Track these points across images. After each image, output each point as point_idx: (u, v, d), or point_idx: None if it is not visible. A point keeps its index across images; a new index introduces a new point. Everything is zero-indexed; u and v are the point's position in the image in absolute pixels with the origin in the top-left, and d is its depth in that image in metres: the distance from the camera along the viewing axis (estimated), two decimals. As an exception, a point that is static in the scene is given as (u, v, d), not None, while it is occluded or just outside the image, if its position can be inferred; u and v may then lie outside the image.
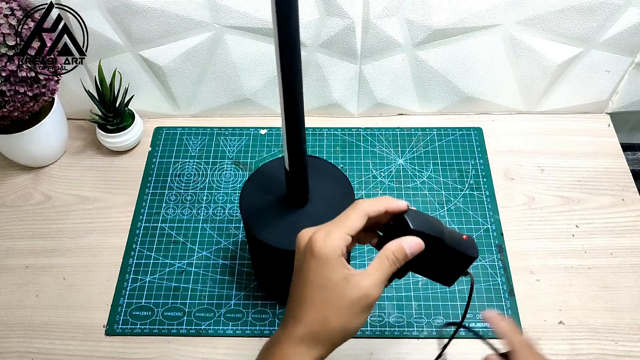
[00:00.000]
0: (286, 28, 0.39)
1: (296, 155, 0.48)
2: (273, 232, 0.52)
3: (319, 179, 0.55)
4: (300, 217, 0.53)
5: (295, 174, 0.50)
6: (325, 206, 0.54)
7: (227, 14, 0.69)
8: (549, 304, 0.65)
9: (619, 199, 0.73)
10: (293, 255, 0.44)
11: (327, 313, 0.39)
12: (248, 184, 0.56)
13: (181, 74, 0.77)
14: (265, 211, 0.54)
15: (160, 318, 0.65)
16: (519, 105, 0.82)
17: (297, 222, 0.53)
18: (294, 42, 0.40)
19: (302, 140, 0.47)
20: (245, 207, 0.55)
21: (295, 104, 0.44)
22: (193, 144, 0.81)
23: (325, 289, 0.39)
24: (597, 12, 0.68)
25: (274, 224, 0.53)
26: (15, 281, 0.68)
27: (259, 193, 0.55)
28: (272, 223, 0.53)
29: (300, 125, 0.46)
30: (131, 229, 0.72)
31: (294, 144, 0.47)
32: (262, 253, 0.56)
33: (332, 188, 0.56)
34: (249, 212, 0.54)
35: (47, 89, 0.68)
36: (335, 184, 0.56)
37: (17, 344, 0.63)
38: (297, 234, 0.42)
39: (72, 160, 0.80)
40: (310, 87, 0.78)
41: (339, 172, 0.58)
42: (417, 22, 0.69)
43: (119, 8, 0.68)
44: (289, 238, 0.50)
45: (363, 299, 0.39)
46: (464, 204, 0.73)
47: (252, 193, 0.56)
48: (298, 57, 0.41)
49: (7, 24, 0.61)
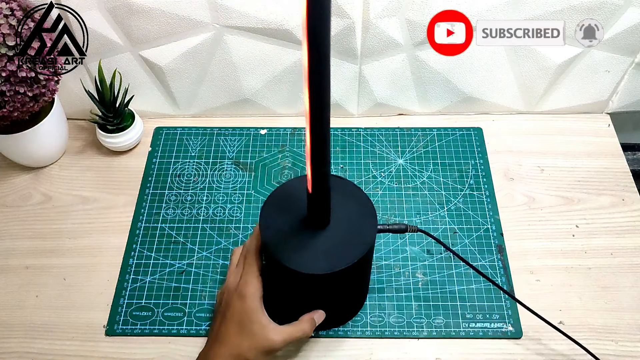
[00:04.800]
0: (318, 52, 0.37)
1: (320, 178, 0.46)
2: (294, 254, 0.51)
3: (340, 199, 0.53)
4: (322, 239, 0.52)
5: (318, 197, 0.48)
6: (346, 228, 0.53)
7: (227, 14, 0.69)
8: (549, 304, 0.65)
9: (619, 199, 0.73)
10: (313, 278, 0.50)
11: (243, 345, 0.52)
12: (267, 205, 0.55)
13: (181, 74, 0.77)
14: (285, 233, 0.52)
15: (160, 318, 0.65)
16: (519, 105, 0.82)
17: (318, 245, 0.51)
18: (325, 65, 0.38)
19: (327, 162, 0.45)
20: (265, 228, 0.53)
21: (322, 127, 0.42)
22: (193, 144, 0.81)
23: (247, 328, 0.53)
24: (597, 12, 0.68)
25: (294, 247, 0.51)
26: (15, 281, 0.68)
27: (278, 214, 0.54)
28: (292, 245, 0.52)
29: (326, 147, 0.44)
30: (131, 229, 0.72)
31: (318, 167, 0.45)
32: (279, 275, 0.54)
33: (353, 209, 0.54)
34: (269, 234, 0.52)
35: (47, 89, 0.68)
36: (357, 204, 0.55)
37: (17, 344, 0.63)
38: (319, 256, 0.51)
39: (72, 160, 0.80)
40: (310, 87, 0.78)
41: (360, 192, 0.56)
42: (417, 22, 0.69)
43: (119, 8, 0.68)
44: (311, 261, 0.50)
45: (269, 348, 0.53)
46: (464, 204, 0.73)
47: (271, 214, 0.54)
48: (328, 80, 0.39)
49: (7, 24, 0.61)
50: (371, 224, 0.53)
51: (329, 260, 0.50)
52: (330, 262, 0.50)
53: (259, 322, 0.53)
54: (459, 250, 0.69)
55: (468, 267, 0.67)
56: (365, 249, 0.52)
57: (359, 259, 0.51)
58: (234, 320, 0.53)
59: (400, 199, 0.74)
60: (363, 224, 0.53)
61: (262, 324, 0.53)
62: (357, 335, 0.63)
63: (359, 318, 0.64)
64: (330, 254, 0.51)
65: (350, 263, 0.50)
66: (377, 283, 0.67)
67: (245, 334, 0.53)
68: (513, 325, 0.63)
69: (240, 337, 0.53)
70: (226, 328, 0.54)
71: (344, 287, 0.56)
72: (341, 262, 0.50)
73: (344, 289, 0.56)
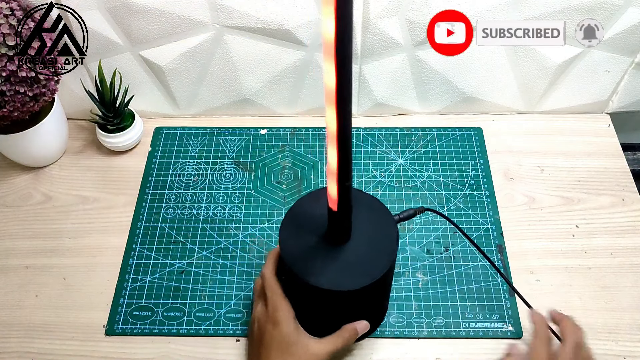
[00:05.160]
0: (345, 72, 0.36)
1: (344, 194, 0.45)
2: (316, 271, 0.50)
3: (359, 213, 0.51)
4: (344, 255, 0.51)
5: (341, 214, 0.47)
6: (367, 242, 0.52)
7: (227, 14, 0.69)
8: (549, 304, 0.65)
9: (619, 199, 0.73)
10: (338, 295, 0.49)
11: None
12: (285, 224, 0.54)
13: (181, 74, 0.77)
14: (306, 250, 0.51)
15: (160, 318, 0.65)
16: (519, 105, 0.82)
17: (341, 261, 0.51)
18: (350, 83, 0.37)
19: (350, 176, 0.45)
20: (285, 246, 0.52)
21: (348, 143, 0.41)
22: (193, 144, 0.81)
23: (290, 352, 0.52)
24: (597, 12, 0.68)
25: (316, 263, 0.51)
26: (15, 281, 0.68)
27: (297, 231, 0.53)
28: (314, 262, 0.51)
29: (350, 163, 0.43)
30: (131, 229, 0.72)
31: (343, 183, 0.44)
32: (302, 292, 0.53)
33: (372, 222, 0.53)
34: (290, 252, 0.51)
35: (47, 89, 0.68)
36: (375, 217, 0.54)
37: (17, 344, 0.63)
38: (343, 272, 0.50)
39: (72, 160, 0.80)
40: (310, 87, 0.79)
41: (378, 204, 0.55)
42: (417, 22, 0.69)
43: (119, 8, 0.68)
44: (335, 277, 0.49)
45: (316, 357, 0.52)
46: (464, 204, 0.73)
47: (290, 232, 0.53)
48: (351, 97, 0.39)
49: (7, 24, 0.61)
50: (392, 237, 0.52)
51: (353, 276, 0.49)
52: (354, 278, 0.49)
53: (299, 342, 0.52)
54: (459, 250, 0.69)
55: (468, 267, 0.67)
56: (388, 263, 0.51)
57: (384, 273, 0.50)
58: (273, 348, 0.52)
59: (400, 199, 0.74)
60: (383, 236, 0.52)
61: (303, 342, 0.52)
62: (357, 335, 0.63)
63: (358, 318, 0.64)
64: (353, 270, 0.50)
65: (375, 278, 0.49)
66: (377, 283, 0.67)
67: (289, 356, 0.52)
68: (513, 325, 0.63)
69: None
70: (267, 357, 0.52)
71: (368, 302, 0.54)
72: (366, 278, 0.49)
73: (367, 304, 0.55)
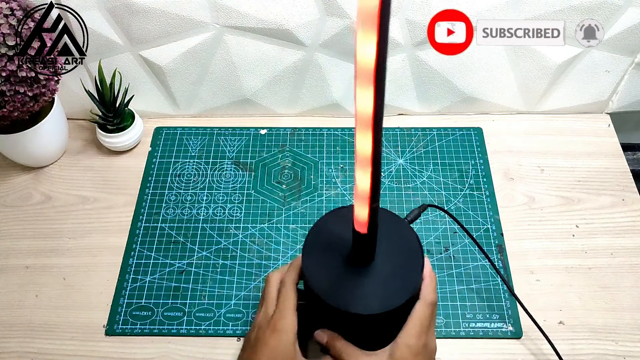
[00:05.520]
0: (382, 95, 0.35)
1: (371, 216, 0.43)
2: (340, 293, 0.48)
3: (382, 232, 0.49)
4: (367, 278, 0.49)
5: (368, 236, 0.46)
6: (391, 263, 0.49)
7: (227, 14, 0.69)
8: (549, 304, 0.65)
9: (619, 199, 0.73)
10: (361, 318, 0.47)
11: None
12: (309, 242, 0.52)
13: (181, 74, 0.77)
14: (329, 271, 0.50)
15: (160, 318, 0.65)
16: (519, 105, 0.82)
17: (365, 283, 0.48)
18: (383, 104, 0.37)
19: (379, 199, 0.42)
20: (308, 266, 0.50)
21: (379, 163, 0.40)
22: (193, 144, 0.81)
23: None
24: (597, 12, 0.68)
25: (339, 285, 0.49)
26: (15, 281, 0.68)
27: (320, 251, 0.51)
28: (337, 284, 0.49)
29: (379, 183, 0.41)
30: (131, 229, 0.72)
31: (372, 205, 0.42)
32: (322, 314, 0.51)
33: (396, 242, 0.51)
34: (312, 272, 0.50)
35: (47, 89, 0.68)
36: (399, 236, 0.52)
37: (17, 344, 0.63)
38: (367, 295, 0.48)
39: (72, 160, 0.80)
40: (310, 87, 0.79)
41: (402, 222, 0.53)
42: (417, 22, 0.69)
43: (119, 8, 0.68)
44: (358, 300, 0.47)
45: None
46: (464, 204, 0.73)
47: (313, 251, 0.51)
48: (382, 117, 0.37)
49: (7, 24, 0.61)
50: (417, 258, 0.50)
51: (378, 299, 0.47)
52: (379, 301, 0.47)
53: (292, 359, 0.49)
54: (459, 250, 0.69)
55: (468, 267, 0.67)
56: (414, 286, 0.48)
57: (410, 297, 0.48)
58: (264, 355, 0.49)
59: (400, 199, 0.74)
60: (408, 256, 0.50)
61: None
62: (357, 335, 0.63)
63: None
64: (378, 293, 0.48)
65: (401, 302, 0.47)
66: (377, 283, 0.67)
67: None
68: (513, 325, 0.63)
69: None
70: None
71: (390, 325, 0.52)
72: (391, 302, 0.47)
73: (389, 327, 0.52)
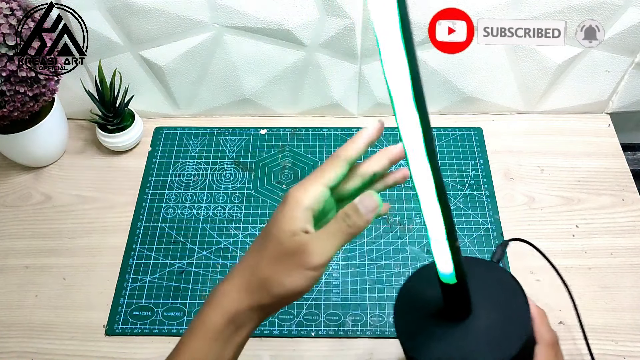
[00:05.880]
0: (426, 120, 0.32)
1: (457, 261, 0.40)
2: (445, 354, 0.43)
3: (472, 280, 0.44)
4: (470, 331, 0.44)
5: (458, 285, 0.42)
6: (492, 310, 0.44)
7: (227, 14, 0.69)
8: (549, 304, 0.65)
9: (619, 199, 0.73)
10: None
11: (261, 260, 0.37)
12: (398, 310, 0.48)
13: (181, 74, 0.77)
14: (423, 330, 0.46)
15: (160, 318, 0.65)
16: (519, 105, 0.82)
17: (467, 337, 0.44)
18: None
19: (457, 236, 0.39)
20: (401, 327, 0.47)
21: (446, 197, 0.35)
22: (193, 144, 0.81)
23: (269, 235, 0.37)
24: (597, 12, 0.68)
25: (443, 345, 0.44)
26: (14, 281, 0.68)
27: (412, 309, 0.47)
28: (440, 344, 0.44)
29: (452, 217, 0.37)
30: (131, 229, 0.72)
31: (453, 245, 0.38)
32: None
33: (490, 286, 0.46)
34: (406, 333, 0.46)
35: (47, 89, 0.68)
36: (492, 279, 0.47)
37: (17, 344, 0.63)
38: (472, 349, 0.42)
39: (72, 160, 0.80)
40: (311, 87, 0.78)
41: (490, 264, 0.50)
42: (417, 22, 0.69)
43: (119, 8, 0.68)
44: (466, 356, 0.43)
45: (301, 256, 0.36)
46: (464, 204, 0.73)
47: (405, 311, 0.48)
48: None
49: (7, 24, 0.61)
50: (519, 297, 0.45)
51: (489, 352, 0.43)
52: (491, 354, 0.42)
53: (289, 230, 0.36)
54: (459, 250, 0.69)
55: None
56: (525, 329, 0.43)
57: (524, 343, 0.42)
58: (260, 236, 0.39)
59: (400, 199, 0.74)
60: (509, 299, 0.45)
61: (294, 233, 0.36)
62: (357, 335, 0.63)
63: (359, 318, 0.64)
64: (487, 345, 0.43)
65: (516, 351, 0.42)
66: (377, 283, 0.67)
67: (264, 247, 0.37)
68: (513, 325, 0.63)
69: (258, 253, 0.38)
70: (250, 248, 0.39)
71: None
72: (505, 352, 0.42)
73: None
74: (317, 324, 0.64)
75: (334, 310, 0.65)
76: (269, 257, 0.37)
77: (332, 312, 0.65)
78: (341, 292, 0.66)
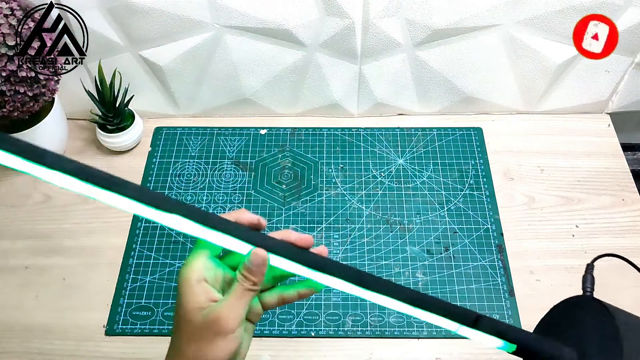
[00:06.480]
0: None
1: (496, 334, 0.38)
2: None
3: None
4: None
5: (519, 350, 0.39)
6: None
7: (227, 14, 0.69)
8: (549, 304, 0.64)
9: (619, 199, 0.73)
10: None
11: (182, 343, 0.38)
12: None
13: (181, 74, 0.77)
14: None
15: (160, 318, 0.65)
16: (519, 105, 0.82)
17: None
18: None
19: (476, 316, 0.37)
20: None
21: None
22: (193, 144, 0.81)
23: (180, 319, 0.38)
24: (597, 12, 0.68)
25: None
26: (15, 281, 0.68)
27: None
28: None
29: None
30: (131, 229, 0.72)
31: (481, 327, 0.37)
32: None
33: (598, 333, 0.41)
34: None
35: (47, 89, 0.68)
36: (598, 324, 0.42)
37: (17, 344, 0.63)
38: None
39: (72, 160, 0.80)
40: (310, 87, 0.78)
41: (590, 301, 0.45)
42: (417, 22, 0.69)
43: (119, 8, 0.68)
44: None
45: (217, 324, 0.36)
46: (464, 204, 0.73)
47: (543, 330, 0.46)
48: None
49: (7, 24, 0.61)
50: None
51: None
52: None
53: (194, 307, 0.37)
54: (459, 250, 0.69)
55: (468, 267, 0.67)
56: None
57: None
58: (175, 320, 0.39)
59: (400, 199, 0.74)
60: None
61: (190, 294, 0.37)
62: (357, 335, 0.63)
63: (359, 318, 0.64)
64: None
65: None
66: (377, 283, 0.67)
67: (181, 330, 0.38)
68: (513, 324, 0.63)
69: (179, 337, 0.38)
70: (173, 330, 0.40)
71: None
72: None
73: None
74: (317, 324, 0.64)
75: (334, 310, 0.65)
76: (187, 338, 0.38)
77: (332, 312, 0.65)
78: (341, 292, 0.66)
